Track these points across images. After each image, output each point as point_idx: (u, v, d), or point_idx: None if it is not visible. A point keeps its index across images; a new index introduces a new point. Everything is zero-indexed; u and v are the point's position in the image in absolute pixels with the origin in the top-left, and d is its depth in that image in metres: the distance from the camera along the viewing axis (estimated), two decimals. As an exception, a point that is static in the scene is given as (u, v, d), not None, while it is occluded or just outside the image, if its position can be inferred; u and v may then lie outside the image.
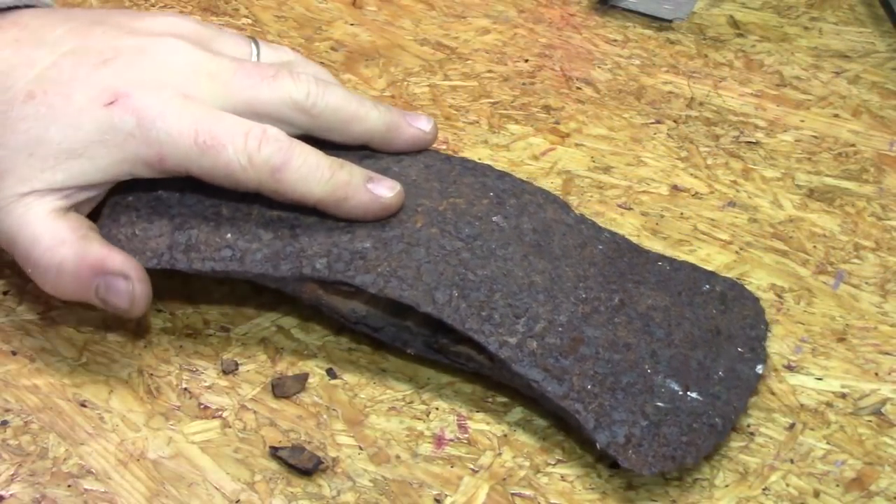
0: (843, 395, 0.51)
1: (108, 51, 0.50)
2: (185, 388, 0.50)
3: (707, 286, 0.52)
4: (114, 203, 0.51)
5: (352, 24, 0.74)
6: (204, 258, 0.49)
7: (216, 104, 0.50)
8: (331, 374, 0.51)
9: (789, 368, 0.52)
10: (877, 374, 0.52)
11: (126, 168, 0.49)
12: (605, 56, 0.73)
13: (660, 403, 0.47)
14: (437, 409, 0.50)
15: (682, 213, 0.61)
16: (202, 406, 0.49)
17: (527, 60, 0.72)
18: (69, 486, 0.45)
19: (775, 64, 0.73)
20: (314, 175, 0.49)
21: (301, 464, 0.46)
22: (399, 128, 0.54)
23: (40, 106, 0.49)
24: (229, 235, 0.50)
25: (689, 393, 0.47)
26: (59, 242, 0.48)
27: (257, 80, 0.51)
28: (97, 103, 0.49)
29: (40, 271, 0.49)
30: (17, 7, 0.52)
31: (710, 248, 0.59)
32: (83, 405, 0.49)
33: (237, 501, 0.45)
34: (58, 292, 0.49)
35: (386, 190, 0.50)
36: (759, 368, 0.49)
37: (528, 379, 0.47)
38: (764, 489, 0.47)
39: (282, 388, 0.50)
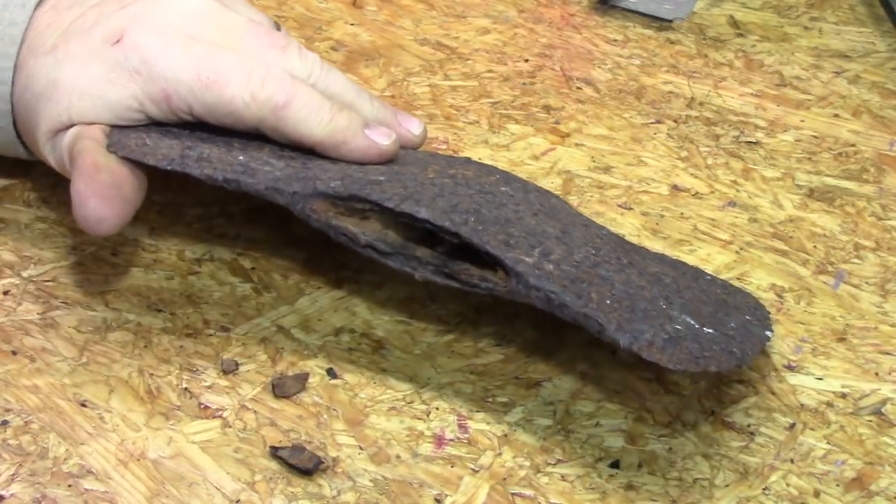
0: (844, 395, 0.51)
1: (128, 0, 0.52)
2: (186, 388, 0.50)
3: (708, 277, 0.53)
4: (121, 128, 0.51)
5: (352, 24, 0.75)
6: (215, 167, 0.49)
7: None
8: (331, 373, 0.51)
9: (789, 368, 0.52)
10: (877, 374, 0.52)
11: (135, 105, 0.50)
12: (605, 56, 0.73)
13: (678, 327, 0.46)
14: (437, 409, 0.50)
15: (682, 213, 0.61)
16: (202, 406, 0.49)
17: (527, 60, 0.72)
18: (69, 486, 0.45)
19: (775, 64, 0.73)
20: (315, 116, 0.50)
21: (301, 464, 0.46)
22: (389, 126, 0.54)
23: (59, 53, 0.51)
24: (241, 157, 0.50)
25: (704, 328, 0.47)
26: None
27: (266, 46, 0.52)
28: (106, 43, 0.50)
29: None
30: None
31: (710, 248, 0.59)
32: (83, 405, 0.49)
33: (237, 501, 0.45)
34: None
35: (382, 136, 0.52)
36: (769, 333, 0.49)
37: (546, 290, 0.46)
38: (764, 489, 0.47)
39: (282, 388, 0.50)
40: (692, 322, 0.47)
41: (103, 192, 0.48)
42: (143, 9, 0.52)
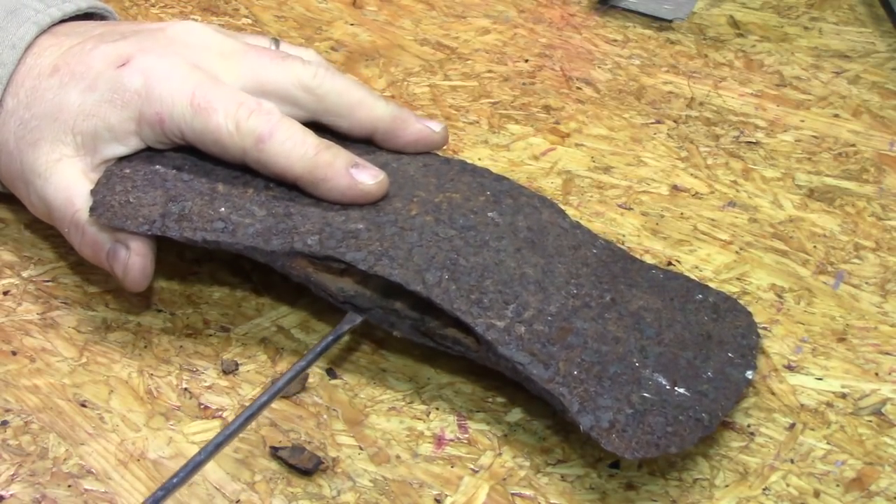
0: (844, 395, 0.51)
1: (129, 32, 0.54)
2: (185, 388, 0.50)
3: (700, 296, 0.52)
4: (110, 173, 0.52)
5: (352, 24, 0.75)
6: (195, 228, 0.49)
7: (225, 80, 0.52)
8: (331, 374, 0.51)
9: (789, 368, 0.52)
10: (877, 374, 0.52)
11: (133, 127, 0.51)
12: (605, 56, 0.73)
13: (646, 394, 0.46)
14: (437, 409, 0.50)
15: (682, 213, 0.61)
16: (202, 406, 0.49)
17: (527, 60, 0.72)
18: (69, 486, 0.45)
19: (775, 64, 0.73)
20: (297, 151, 0.50)
21: (301, 464, 0.46)
22: (406, 121, 0.55)
23: (64, 76, 0.52)
24: (223, 209, 0.50)
25: (676, 388, 0.47)
26: (88, 213, 0.51)
27: (267, 60, 0.53)
28: (112, 66, 0.51)
29: (73, 231, 0.51)
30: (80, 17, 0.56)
31: (710, 248, 0.59)
32: (83, 405, 0.49)
33: (237, 501, 0.45)
34: (83, 254, 0.52)
35: (368, 177, 0.51)
36: (750, 374, 0.49)
37: (514, 361, 0.46)
38: (764, 489, 0.47)
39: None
40: (663, 382, 0.47)
41: (138, 246, 0.50)
42: (147, 39, 0.53)
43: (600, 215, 0.60)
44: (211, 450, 0.43)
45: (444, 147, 0.57)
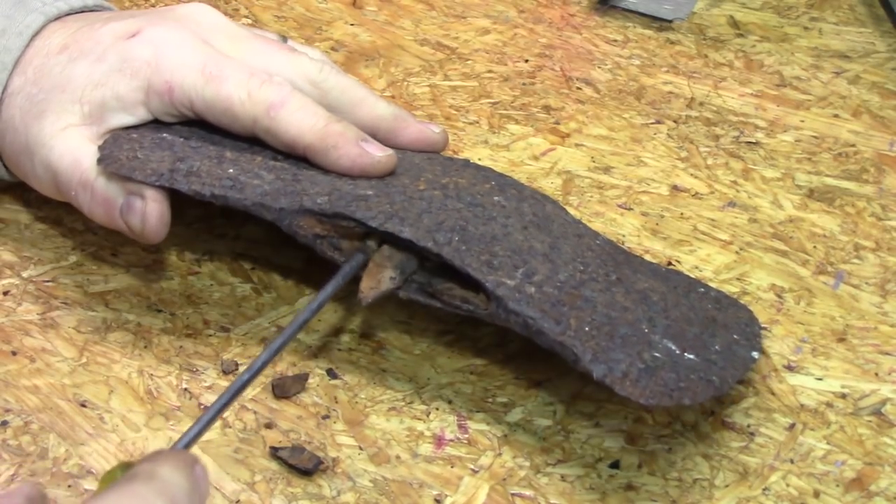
0: (843, 395, 0.51)
1: (138, 12, 0.55)
2: (185, 389, 0.50)
3: (702, 289, 0.52)
4: (116, 135, 0.52)
5: (352, 24, 0.75)
6: (204, 183, 0.49)
7: None
8: (331, 374, 0.51)
9: (789, 368, 0.52)
10: (877, 374, 0.52)
11: (141, 97, 0.51)
12: (605, 56, 0.73)
13: (657, 354, 0.46)
14: (437, 409, 0.50)
15: (682, 213, 0.61)
16: (202, 406, 0.49)
17: (527, 60, 0.72)
18: (69, 486, 0.45)
19: (775, 64, 0.73)
20: (309, 120, 0.51)
21: (301, 464, 0.46)
22: (406, 120, 0.55)
23: (73, 52, 0.52)
24: (231, 171, 0.50)
25: (686, 353, 0.47)
26: (96, 164, 0.51)
27: (275, 50, 0.54)
28: (121, 39, 0.52)
29: (81, 192, 0.51)
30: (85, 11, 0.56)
31: (710, 248, 0.59)
32: (83, 405, 0.49)
33: (237, 501, 0.45)
34: (94, 215, 0.52)
35: (377, 150, 0.51)
36: (755, 354, 0.49)
37: (525, 316, 0.46)
38: (764, 489, 0.47)
39: (282, 388, 0.50)
40: (673, 347, 0.47)
41: (153, 193, 0.50)
42: (156, 15, 0.53)
43: (600, 215, 0.60)
44: (243, 383, 0.44)
45: (444, 149, 0.57)
